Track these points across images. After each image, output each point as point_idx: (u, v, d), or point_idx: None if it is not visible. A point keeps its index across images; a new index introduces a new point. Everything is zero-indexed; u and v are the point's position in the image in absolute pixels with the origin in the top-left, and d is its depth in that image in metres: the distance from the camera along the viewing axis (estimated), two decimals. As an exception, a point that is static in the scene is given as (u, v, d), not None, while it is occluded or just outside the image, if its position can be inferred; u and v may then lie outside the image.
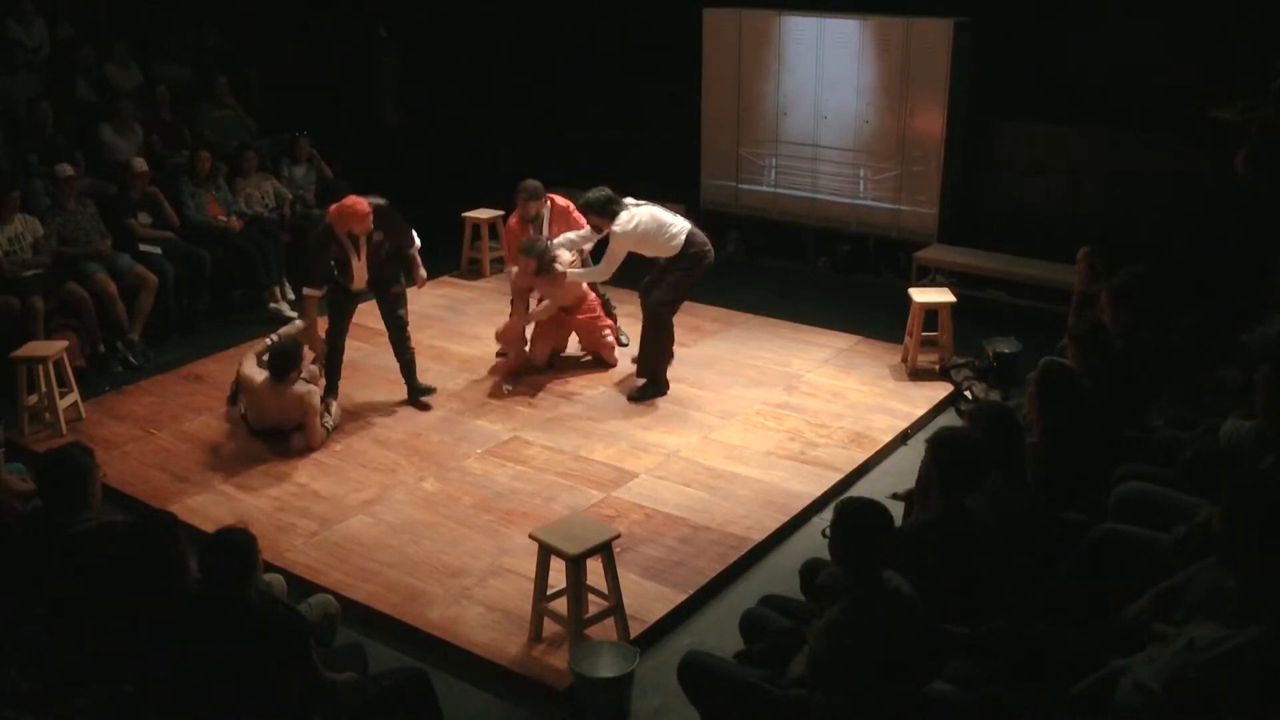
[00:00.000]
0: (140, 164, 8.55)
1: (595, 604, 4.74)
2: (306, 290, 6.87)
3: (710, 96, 9.98)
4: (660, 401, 7.08)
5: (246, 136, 9.92)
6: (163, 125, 9.56)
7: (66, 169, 8.09)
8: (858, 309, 8.74)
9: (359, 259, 6.71)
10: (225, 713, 3.56)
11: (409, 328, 7.15)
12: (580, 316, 7.61)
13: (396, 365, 7.24)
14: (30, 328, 7.40)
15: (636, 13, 10.61)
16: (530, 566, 4.88)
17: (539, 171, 10.91)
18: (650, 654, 4.76)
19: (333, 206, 6.71)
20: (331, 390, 7.01)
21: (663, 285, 7.10)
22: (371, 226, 6.64)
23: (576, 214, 7.55)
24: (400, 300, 7.07)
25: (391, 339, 7.17)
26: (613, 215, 6.99)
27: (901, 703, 3.44)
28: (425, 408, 7.10)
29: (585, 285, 7.61)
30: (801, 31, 9.32)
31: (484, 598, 5.12)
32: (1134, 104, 8.40)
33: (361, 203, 6.61)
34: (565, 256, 7.31)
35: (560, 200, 7.82)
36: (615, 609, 4.75)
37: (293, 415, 6.60)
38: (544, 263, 7.18)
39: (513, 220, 7.96)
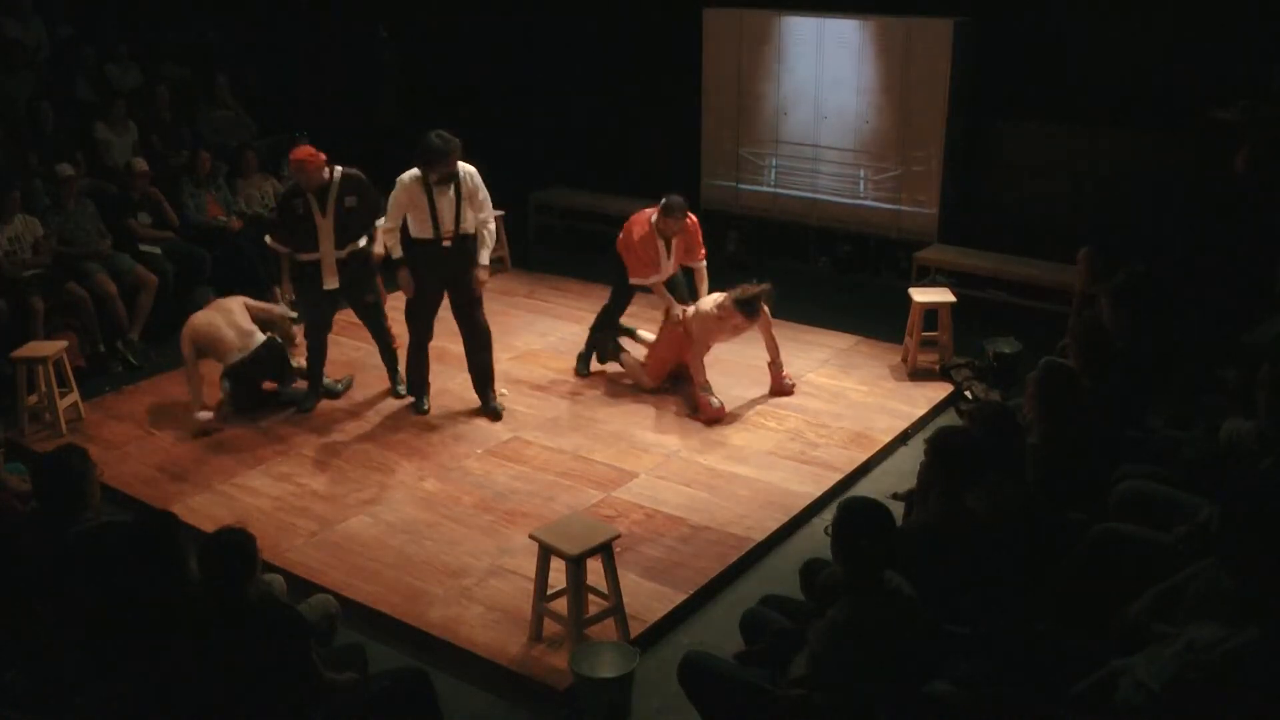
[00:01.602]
0: (141, 164, 8.56)
1: (595, 604, 4.75)
2: (267, 238, 7.23)
3: (710, 96, 9.97)
4: (661, 401, 7.08)
5: (246, 136, 9.91)
6: (163, 125, 9.56)
7: (66, 169, 8.09)
8: (858, 309, 8.73)
9: (324, 218, 6.80)
10: (225, 713, 3.56)
11: (390, 329, 7.21)
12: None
13: (397, 366, 7.30)
14: (30, 328, 7.40)
15: (636, 13, 10.60)
16: (530, 566, 4.89)
17: (539, 171, 10.99)
18: (650, 654, 4.76)
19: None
20: (315, 388, 7.11)
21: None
22: (320, 179, 6.79)
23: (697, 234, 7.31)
24: (377, 309, 7.13)
25: (373, 333, 7.24)
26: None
27: (901, 703, 3.44)
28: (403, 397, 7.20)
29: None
30: (801, 31, 9.31)
31: (484, 598, 5.13)
32: (1134, 104, 8.39)
33: (304, 151, 6.82)
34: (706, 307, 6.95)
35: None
36: (615, 609, 4.75)
37: (239, 322, 6.96)
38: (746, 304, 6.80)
39: (643, 229, 7.16)
